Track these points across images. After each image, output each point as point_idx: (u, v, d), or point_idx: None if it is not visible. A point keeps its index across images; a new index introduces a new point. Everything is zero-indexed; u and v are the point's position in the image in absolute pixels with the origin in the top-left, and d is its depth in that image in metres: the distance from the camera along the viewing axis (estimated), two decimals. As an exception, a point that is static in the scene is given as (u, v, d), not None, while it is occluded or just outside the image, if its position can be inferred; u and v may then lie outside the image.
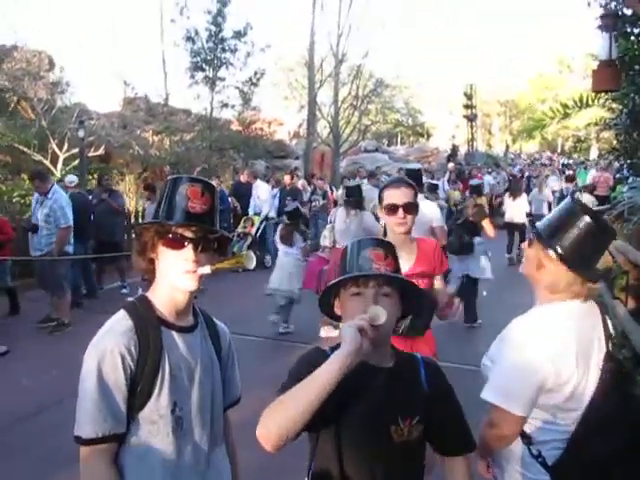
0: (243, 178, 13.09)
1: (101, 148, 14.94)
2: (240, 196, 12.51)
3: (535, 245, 1.96)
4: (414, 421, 1.61)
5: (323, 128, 24.25)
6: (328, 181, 17.58)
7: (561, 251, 1.85)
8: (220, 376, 1.80)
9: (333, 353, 1.44)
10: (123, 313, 1.64)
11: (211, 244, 1.66)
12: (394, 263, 1.65)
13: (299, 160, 22.41)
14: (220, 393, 1.79)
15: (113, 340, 1.56)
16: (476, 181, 9.12)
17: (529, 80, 48.61)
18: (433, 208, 5.45)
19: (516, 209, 11.33)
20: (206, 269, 1.61)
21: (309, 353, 1.67)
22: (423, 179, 7.69)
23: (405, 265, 2.93)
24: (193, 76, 17.18)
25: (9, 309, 7.78)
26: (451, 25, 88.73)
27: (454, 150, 27.99)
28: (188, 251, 1.59)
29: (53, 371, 5.47)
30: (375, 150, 28.17)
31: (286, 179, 13.26)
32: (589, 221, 1.86)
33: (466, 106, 29.89)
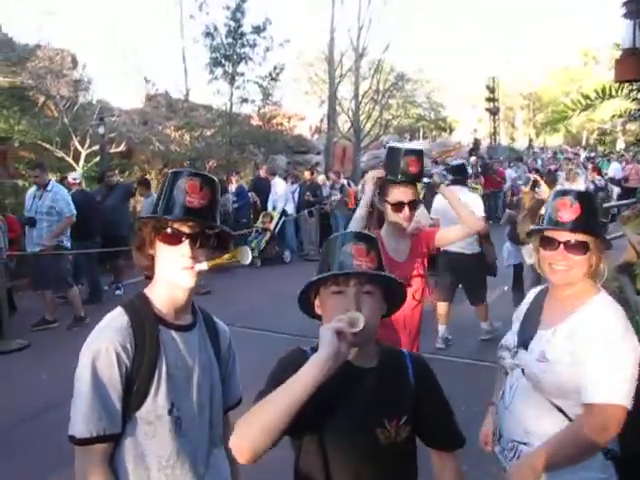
0: (262, 173, 13.10)
1: (122, 144, 15.05)
2: (260, 191, 12.55)
3: (591, 250, 1.89)
4: (401, 421, 1.55)
5: (344, 122, 24.10)
6: (348, 175, 17.50)
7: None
8: (219, 376, 1.76)
9: (312, 355, 1.37)
10: (120, 310, 1.62)
11: (210, 240, 1.62)
12: (376, 259, 1.56)
13: (320, 155, 22.33)
14: (219, 394, 1.75)
15: (108, 337, 1.53)
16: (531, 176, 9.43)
17: (553, 73, 47.82)
18: (476, 200, 6.07)
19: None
20: (203, 265, 1.59)
21: (289, 355, 1.60)
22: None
23: (402, 256, 3.01)
24: (212, 72, 17.14)
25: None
26: (474, 18, 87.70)
27: (476, 144, 27.67)
28: (185, 247, 1.56)
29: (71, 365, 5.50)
30: (397, 145, 27.90)
31: (306, 174, 13.24)
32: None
33: (488, 99, 29.55)
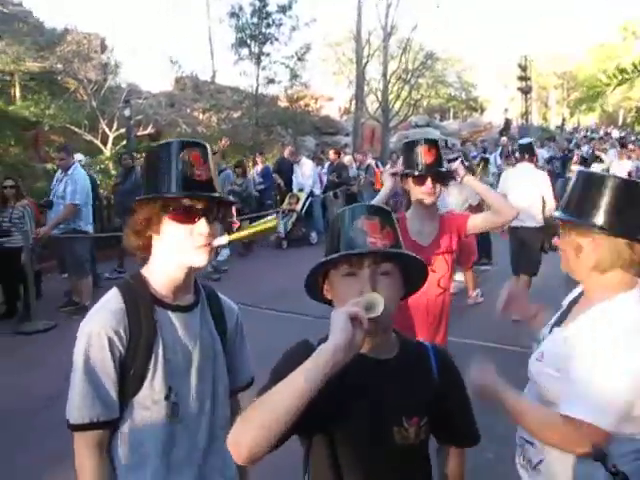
0: (286, 154, 12.93)
1: (149, 127, 15.09)
2: (283, 172, 12.34)
3: (567, 233, 1.72)
4: (422, 422, 1.39)
5: (372, 103, 23.79)
6: (377, 156, 17.25)
7: (600, 221, 1.62)
8: (224, 359, 1.65)
9: (321, 345, 1.19)
10: (115, 291, 1.53)
11: (220, 212, 1.52)
12: (393, 234, 1.37)
13: (349, 136, 22.12)
14: (224, 378, 1.65)
15: (101, 321, 1.46)
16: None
17: (589, 50, 46.44)
18: (544, 178, 6.31)
19: None
20: (223, 239, 1.49)
21: (294, 348, 1.41)
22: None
23: (427, 239, 2.77)
24: (238, 52, 17.08)
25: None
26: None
27: (507, 124, 27.15)
28: (202, 224, 1.44)
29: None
30: (427, 125, 27.62)
31: (331, 155, 13.03)
32: (618, 182, 1.65)
33: (521, 78, 28.92)
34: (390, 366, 1.40)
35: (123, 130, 13.99)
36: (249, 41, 16.92)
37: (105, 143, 14.41)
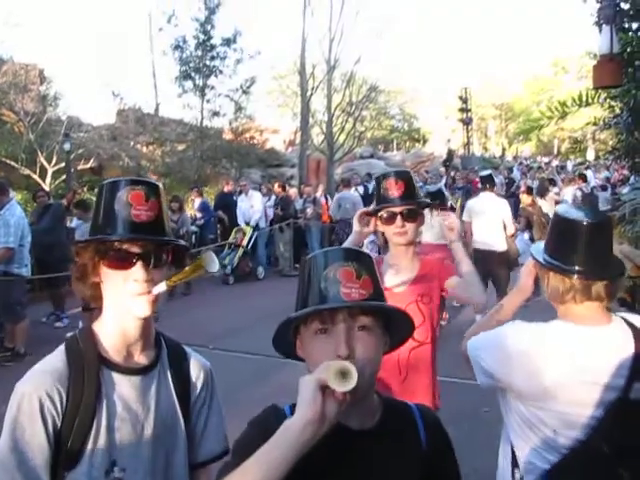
0: (227, 188, 12.72)
1: (91, 160, 14.72)
2: (226, 207, 12.10)
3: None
4: None
5: (317, 135, 24.00)
6: (323, 189, 17.29)
7: (544, 256, 1.77)
8: (183, 429, 1.46)
9: (285, 421, 1.04)
10: (60, 350, 1.39)
11: (164, 257, 1.38)
12: (371, 282, 1.20)
13: (295, 168, 22.17)
14: (182, 450, 1.46)
15: (36, 383, 1.30)
16: None
17: (524, 83, 48.65)
18: (505, 206, 7.04)
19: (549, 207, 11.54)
20: (161, 287, 1.35)
21: (261, 418, 1.24)
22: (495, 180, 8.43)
23: (401, 285, 2.50)
24: (182, 85, 16.96)
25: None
26: (443, 28, 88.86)
27: (450, 154, 27.87)
28: (137, 270, 1.32)
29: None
30: (371, 156, 27.96)
31: (276, 188, 12.98)
32: (561, 217, 1.76)
33: (461, 110, 29.89)
34: (370, 437, 1.22)
35: (63, 164, 13.59)
36: (193, 74, 16.84)
37: (44, 178, 13.94)
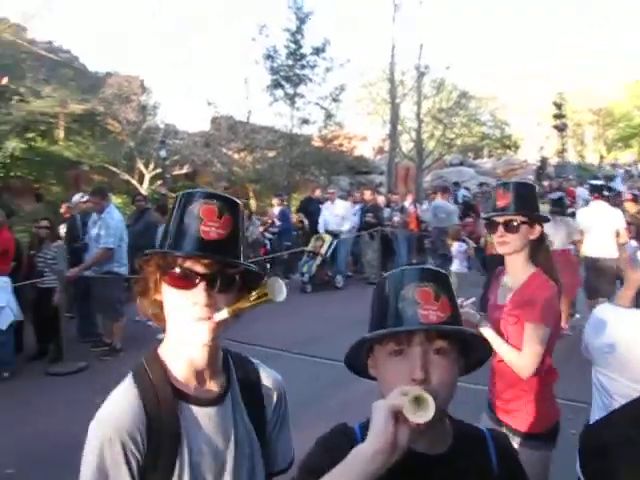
0: (315, 194, 12.67)
1: (185, 166, 15.34)
2: (310, 213, 11.99)
3: None
4: None
5: (407, 142, 23.80)
6: (413, 198, 17.06)
7: None
8: (261, 452, 1.39)
9: (356, 447, 0.99)
10: (129, 382, 1.28)
11: (232, 281, 1.26)
12: (449, 304, 1.15)
13: (383, 175, 22.10)
14: (260, 475, 1.40)
15: (114, 425, 1.20)
16: None
17: (625, 86, 45.94)
18: (619, 215, 7.10)
19: None
20: (223, 314, 1.22)
21: (329, 438, 1.21)
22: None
23: (503, 296, 2.46)
24: (273, 94, 17.34)
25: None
26: (537, 31, 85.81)
27: (543, 162, 26.78)
28: (199, 292, 1.21)
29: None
30: (460, 164, 27.46)
31: (366, 195, 12.68)
32: None
33: (556, 116, 28.68)
34: (442, 462, 1.18)
35: (159, 170, 14.26)
36: (283, 82, 17.19)
37: (142, 182, 14.68)
